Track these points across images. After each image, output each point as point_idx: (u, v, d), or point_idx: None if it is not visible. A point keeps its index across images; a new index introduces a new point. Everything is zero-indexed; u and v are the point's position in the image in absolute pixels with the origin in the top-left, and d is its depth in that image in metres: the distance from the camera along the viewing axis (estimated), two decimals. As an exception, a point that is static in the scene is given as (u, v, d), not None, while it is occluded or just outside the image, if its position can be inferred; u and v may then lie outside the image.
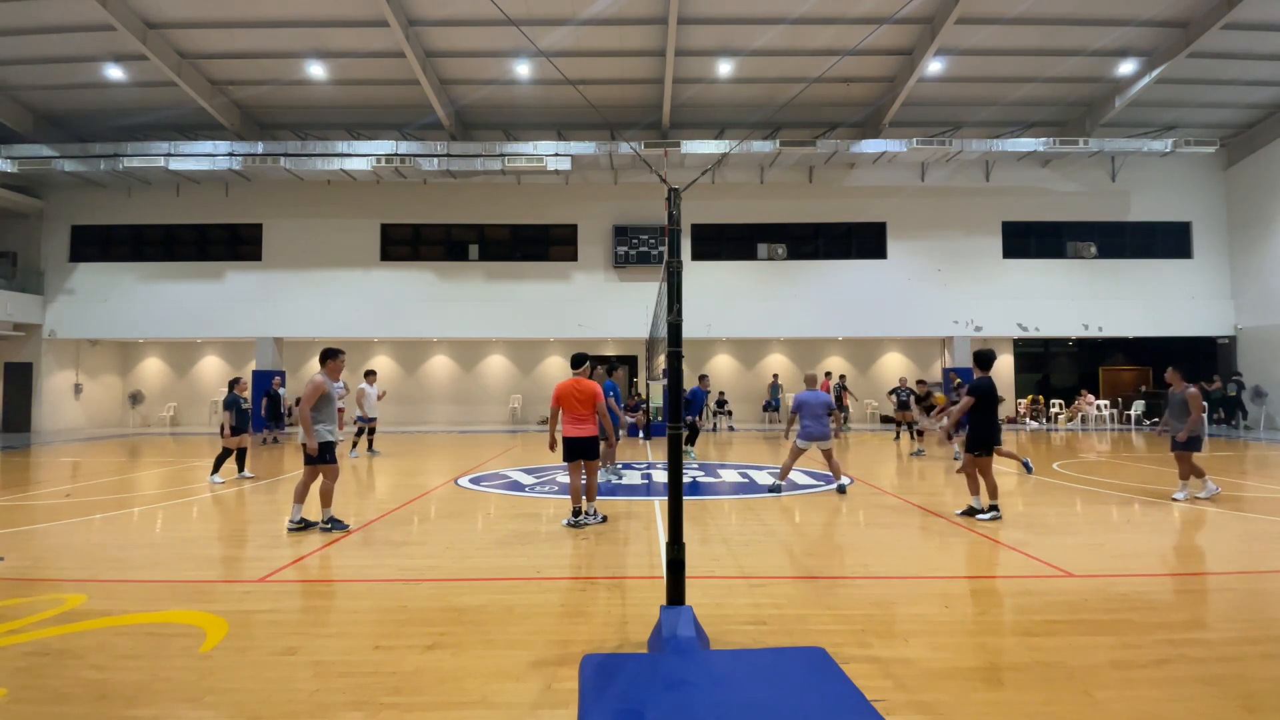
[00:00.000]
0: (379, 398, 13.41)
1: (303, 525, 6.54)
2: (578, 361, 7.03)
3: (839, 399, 18.97)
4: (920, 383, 14.57)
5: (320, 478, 6.65)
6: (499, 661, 3.48)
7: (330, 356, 6.78)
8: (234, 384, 10.06)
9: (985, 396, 7.02)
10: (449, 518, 7.25)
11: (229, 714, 2.94)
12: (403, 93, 17.90)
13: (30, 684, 3.23)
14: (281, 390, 16.50)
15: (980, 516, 6.93)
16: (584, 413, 6.78)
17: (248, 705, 3.01)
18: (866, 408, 22.22)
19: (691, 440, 13.40)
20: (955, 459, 12.23)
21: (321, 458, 6.51)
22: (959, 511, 7.27)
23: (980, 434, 7.01)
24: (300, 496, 6.58)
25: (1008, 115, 19.33)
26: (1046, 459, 12.36)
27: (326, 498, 6.64)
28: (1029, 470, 9.96)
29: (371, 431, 13.64)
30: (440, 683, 3.24)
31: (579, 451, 6.79)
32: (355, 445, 13.54)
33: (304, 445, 6.48)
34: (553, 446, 6.99)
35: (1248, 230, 19.77)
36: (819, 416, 8.44)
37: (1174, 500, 7.86)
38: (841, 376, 19.68)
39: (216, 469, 9.60)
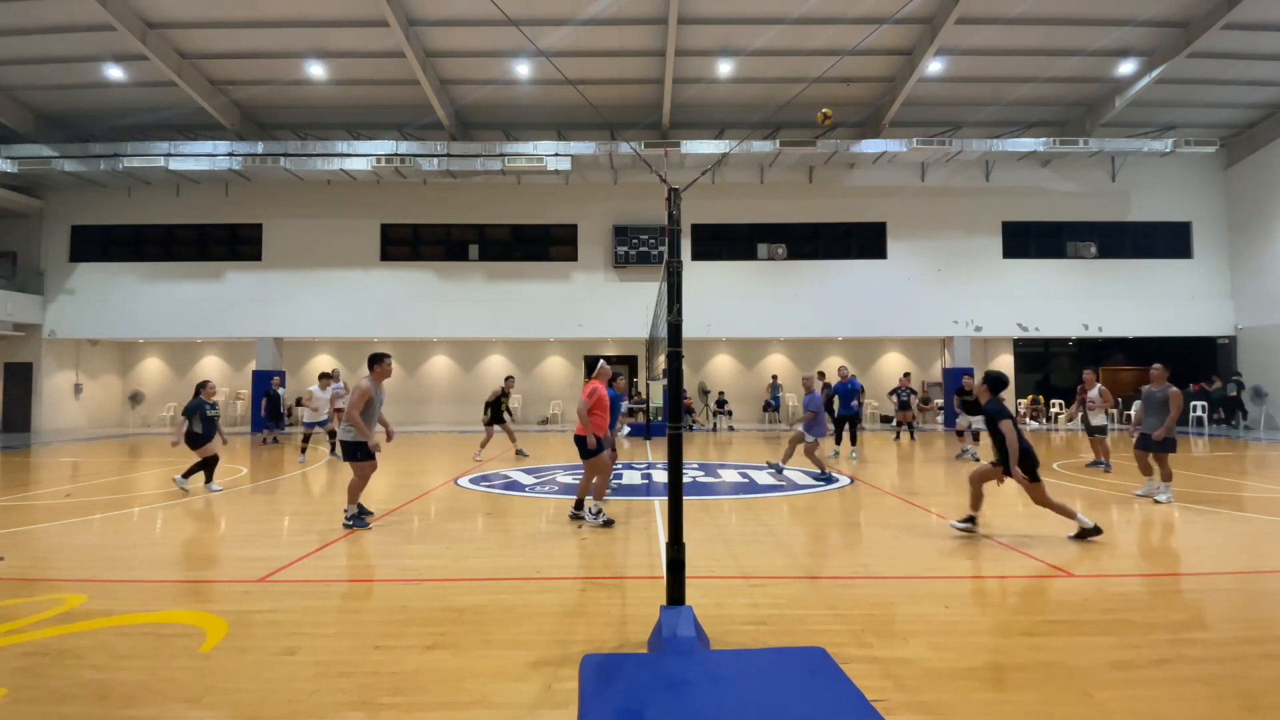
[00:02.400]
0: (333, 400, 12.47)
1: (362, 517, 6.96)
2: (592, 365, 7.28)
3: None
4: (968, 375, 13.35)
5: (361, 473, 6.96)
6: (499, 661, 3.48)
7: (376, 361, 6.94)
8: (200, 388, 9.07)
9: None
10: (449, 518, 7.24)
11: (229, 714, 2.94)
12: (403, 93, 17.91)
13: (30, 684, 3.23)
14: (281, 390, 16.44)
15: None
16: (579, 414, 6.93)
17: (248, 705, 3.01)
18: (867, 408, 22.20)
19: (853, 439, 12.94)
20: (961, 455, 12.21)
21: (353, 455, 6.77)
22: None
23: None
24: (354, 495, 6.90)
25: (1008, 115, 19.34)
26: (1046, 459, 12.35)
27: (353, 494, 6.83)
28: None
29: (332, 435, 12.61)
30: (440, 683, 3.24)
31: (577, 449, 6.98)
32: (304, 451, 12.36)
33: (343, 444, 6.85)
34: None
35: (1248, 230, 19.77)
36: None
37: (1157, 502, 7.71)
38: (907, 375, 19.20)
39: (193, 474, 8.81)
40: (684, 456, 4.52)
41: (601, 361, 7.46)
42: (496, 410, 12.73)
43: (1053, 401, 22.10)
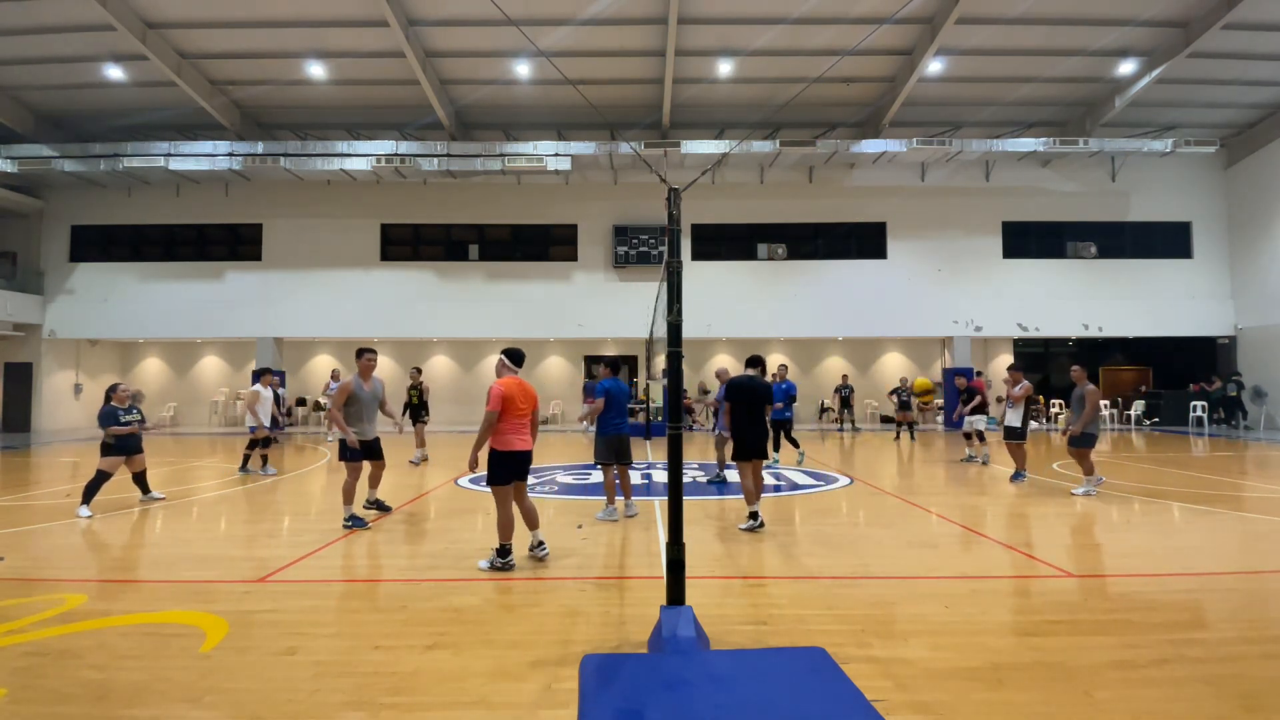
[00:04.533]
0: (278, 404, 11.09)
1: (377, 506, 6.92)
2: (520, 358, 5.66)
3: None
4: (961, 375, 12.92)
5: (361, 474, 6.90)
6: (499, 661, 3.48)
7: (357, 356, 6.96)
8: (110, 392, 7.90)
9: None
10: (449, 517, 7.24)
11: (229, 714, 2.94)
12: (403, 93, 17.90)
13: (30, 684, 3.23)
14: (280, 390, 16.37)
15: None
16: (529, 419, 5.48)
17: (248, 705, 3.01)
18: (867, 408, 22.21)
19: (776, 444, 11.51)
20: (970, 459, 12.13)
21: (343, 455, 6.78)
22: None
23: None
24: (348, 497, 6.81)
25: (1008, 115, 19.33)
26: (1046, 459, 12.36)
27: (345, 495, 6.80)
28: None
29: (266, 444, 11.08)
30: (440, 683, 3.24)
31: (521, 469, 5.41)
32: (247, 461, 10.91)
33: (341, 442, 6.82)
34: (474, 466, 5.46)
35: (1248, 230, 19.77)
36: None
37: (1073, 494, 8.30)
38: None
39: (87, 498, 7.37)
40: (684, 456, 4.52)
41: (600, 366, 7.47)
42: (412, 407, 11.92)
43: (1053, 401, 22.10)
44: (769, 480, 9.79)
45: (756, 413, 6.70)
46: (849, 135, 19.45)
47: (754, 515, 6.53)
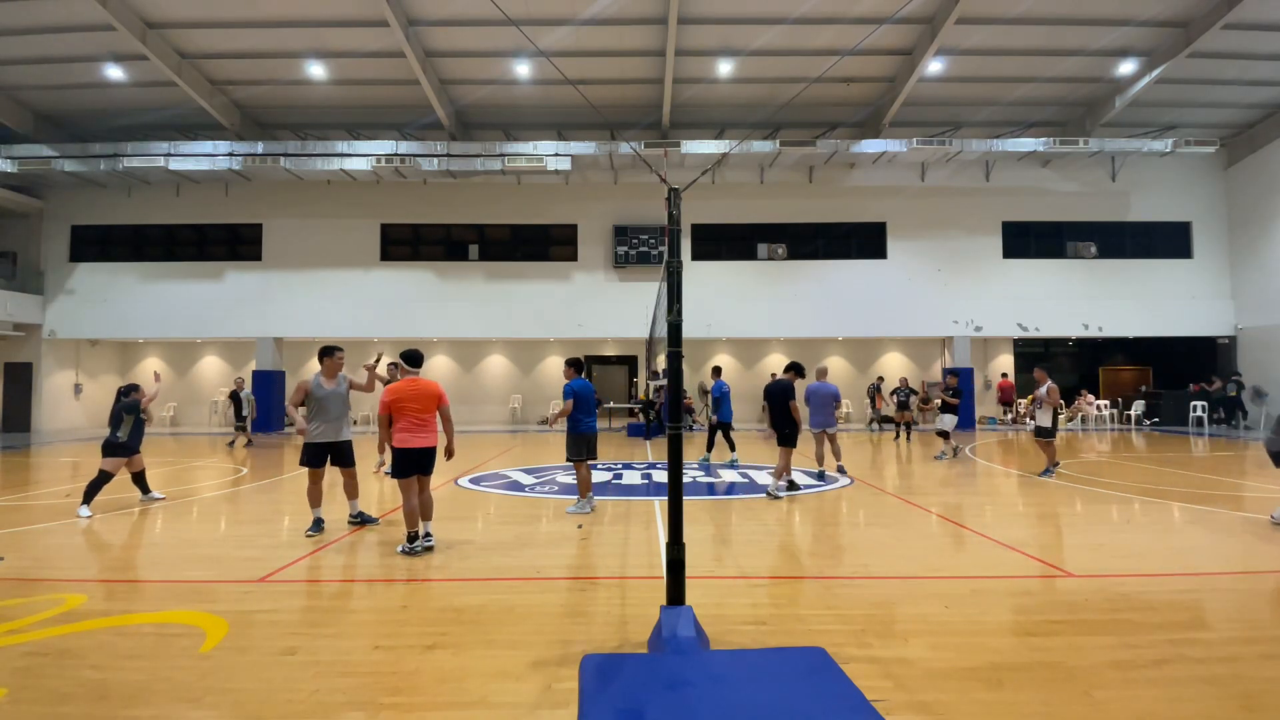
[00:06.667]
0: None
1: (360, 520, 6.78)
2: (417, 360, 6.02)
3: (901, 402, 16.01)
4: (953, 374, 13.19)
5: (319, 480, 6.54)
6: (499, 661, 3.48)
7: (324, 355, 6.50)
8: (132, 389, 7.95)
9: None
10: (449, 518, 7.24)
11: (229, 714, 2.94)
12: (403, 93, 17.90)
13: (30, 684, 3.23)
14: (244, 392, 15.83)
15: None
16: (426, 418, 5.81)
17: (248, 705, 3.01)
18: (866, 407, 22.17)
19: (709, 445, 12.83)
20: (940, 457, 12.35)
21: (302, 459, 6.46)
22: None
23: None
24: (312, 501, 6.51)
25: (1008, 115, 19.33)
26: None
27: (310, 500, 6.50)
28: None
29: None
30: (440, 683, 3.24)
31: (419, 464, 5.81)
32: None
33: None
34: (381, 463, 5.42)
35: (1248, 230, 19.77)
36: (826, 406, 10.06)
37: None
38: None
39: (88, 499, 7.39)
40: (684, 456, 4.51)
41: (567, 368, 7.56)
42: None
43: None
44: (768, 480, 9.79)
45: (779, 408, 8.34)
46: (849, 135, 19.44)
47: (791, 484, 8.62)
